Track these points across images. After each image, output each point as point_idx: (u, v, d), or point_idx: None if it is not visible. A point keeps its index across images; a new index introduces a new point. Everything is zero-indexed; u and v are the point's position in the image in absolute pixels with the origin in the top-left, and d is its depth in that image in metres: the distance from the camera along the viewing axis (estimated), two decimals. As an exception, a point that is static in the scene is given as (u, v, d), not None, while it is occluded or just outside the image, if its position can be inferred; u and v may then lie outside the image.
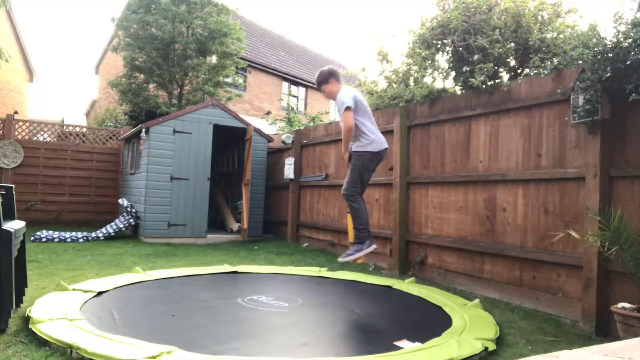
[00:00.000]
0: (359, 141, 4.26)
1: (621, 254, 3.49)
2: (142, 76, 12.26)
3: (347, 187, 4.30)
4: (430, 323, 3.95)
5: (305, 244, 8.60)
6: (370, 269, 6.56)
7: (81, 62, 60.34)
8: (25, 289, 4.12)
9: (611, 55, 3.70)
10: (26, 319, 3.47)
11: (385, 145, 4.37)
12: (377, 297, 4.88)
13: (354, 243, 4.48)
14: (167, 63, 11.83)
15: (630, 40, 3.62)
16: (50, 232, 8.21)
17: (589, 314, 3.96)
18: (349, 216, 4.52)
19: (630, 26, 3.68)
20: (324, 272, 5.96)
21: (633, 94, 3.50)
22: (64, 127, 11.33)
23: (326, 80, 4.34)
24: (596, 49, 3.77)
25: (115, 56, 15.33)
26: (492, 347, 3.29)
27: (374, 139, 4.26)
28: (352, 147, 4.41)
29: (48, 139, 10.97)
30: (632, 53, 3.55)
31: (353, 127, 4.09)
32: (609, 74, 3.65)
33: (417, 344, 3.27)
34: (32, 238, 7.87)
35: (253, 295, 4.63)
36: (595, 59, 3.78)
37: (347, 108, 4.07)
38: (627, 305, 3.48)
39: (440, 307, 4.36)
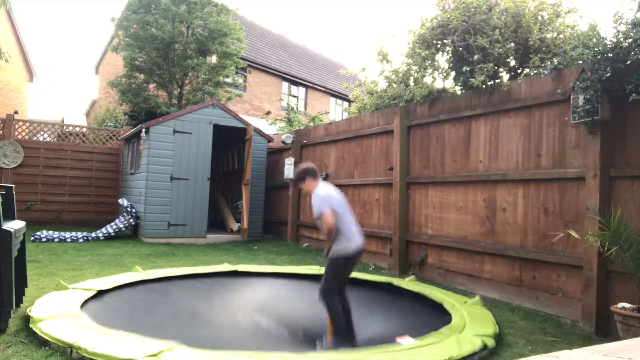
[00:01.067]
0: (335, 243, 4.01)
1: (621, 254, 3.49)
2: (142, 76, 12.26)
3: (323, 285, 3.87)
4: (430, 320, 3.95)
5: (305, 244, 8.60)
6: (371, 269, 6.56)
7: (81, 62, 60.33)
8: (25, 289, 4.12)
9: (611, 55, 3.70)
10: (26, 319, 3.47)
11: (360, 243, 3.94)
12: (378, 295, 4.88)
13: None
14: (167, 63, 11.83)
15: (630, 40, 3.62)
16: (50, 232, 8.21)
17: (589, 314, 3.96)
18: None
19: (630, 26, 3.69)
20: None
21: (633, 94, 3.50)
22: (64, 127, 11.33)
23: (302, 178, 4.22)
24: (596, 49, 3.77)
25: (115, 56, 15.33)
26: (491, 343, 3.29)
27: (351, 237, 3.98)
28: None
29: (48, 139, 10.97)
30: (632, 53, 3.56)
31: (334, 226, 3.92)
32: (609, 74, 3.65)
33: (418, 341, 3.27)
34: (32, 238, 7.87)
35: (253, 295, 4.63)
36: (595, 59, 3.78)
37: (324, 212, 3.91)
38: (627, 305, 3.48)
39: (440, 305, 4.36)
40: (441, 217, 5.75)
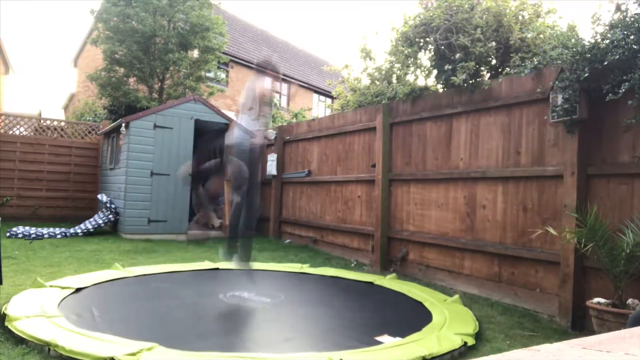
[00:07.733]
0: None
1: (597, 250, 3.57)
2: (122, 70, 12.05)
3: None
4: (410, 318, 3.98)
5: (288, 241, 8.59)
6: (352, 265, 6.59)
7: (59, 54, 59.05)
8: (1, 286, 4.03)
9: (589, 55, 3.77)
10: (2, 317, 3.39)
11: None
12: (359, 293, 4.91)
13: None
14: (148, 57, 11.65)
15: (607, 42, 3.69)
16: (27, 228, 8.04)
17: (566, 309, 4.05)
18: None
19: (607, 27, 3.76)
20: (306, 268, 5.97)
21: (610, 94, 3.58)
22: (41, 121, 11.08)
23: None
24: (575, 50, 3.84)
25: (95, 49, 15.02)
26: (471, 342, 3.34)
27: None
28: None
29: (24, 133, 10.71)
30: (610, 54, 3.63)
31: None
32: (587, 74, 3.72)
33: (398, 339, 3.30)
34: (8, 234, 7.69)
35: (235, 292, 4.61)
36: (574, 59, 3.85)
37: None
38: (602, 300, 3.56)
39: (420, 303, 4.40)
40: (422, 214, 5.80)
